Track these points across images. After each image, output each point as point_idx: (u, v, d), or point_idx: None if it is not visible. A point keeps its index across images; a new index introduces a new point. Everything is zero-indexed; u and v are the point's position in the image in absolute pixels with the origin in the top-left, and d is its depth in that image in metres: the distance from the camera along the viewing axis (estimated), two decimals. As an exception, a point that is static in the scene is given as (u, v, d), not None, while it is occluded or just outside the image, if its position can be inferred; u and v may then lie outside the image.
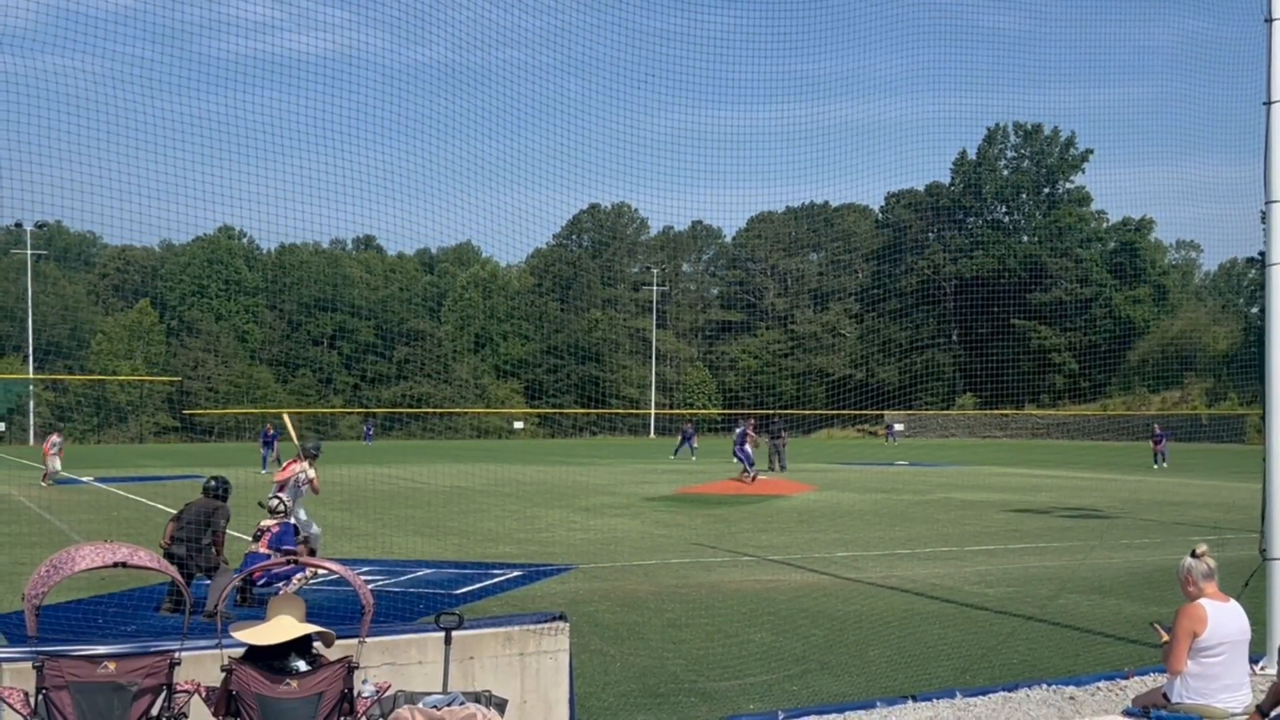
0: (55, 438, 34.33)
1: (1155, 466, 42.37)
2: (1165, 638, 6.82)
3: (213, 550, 12.07)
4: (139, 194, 10.03)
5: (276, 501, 14.08)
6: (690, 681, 8.87)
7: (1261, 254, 9.98)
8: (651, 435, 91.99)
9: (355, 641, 5.83)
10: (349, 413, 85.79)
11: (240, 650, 5.40)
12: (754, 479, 30.23)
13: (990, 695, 8.46)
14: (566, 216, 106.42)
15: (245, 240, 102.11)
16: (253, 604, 12.18)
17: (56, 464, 32.65)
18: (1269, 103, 9.82)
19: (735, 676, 9.00)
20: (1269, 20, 9.82)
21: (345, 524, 20.39)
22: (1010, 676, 8.99)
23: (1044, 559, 16.40)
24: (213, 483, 12.76)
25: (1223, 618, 6.69)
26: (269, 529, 13.65)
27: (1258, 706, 6.23)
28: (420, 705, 5.75)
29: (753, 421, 32.14)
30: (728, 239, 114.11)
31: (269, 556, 13.24)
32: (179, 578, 5.95)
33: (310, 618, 5.56)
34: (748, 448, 30.94)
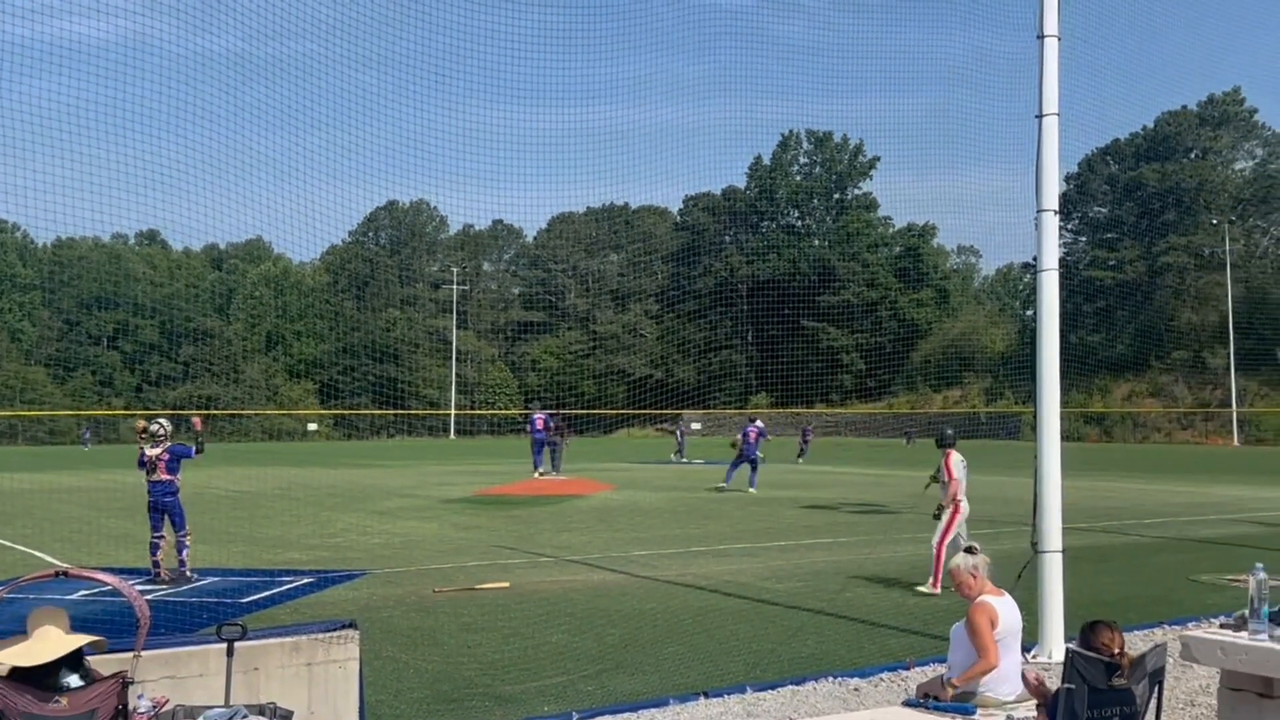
0: None
1: (800, 461, 45.87)
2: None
3: None
4: (-103, 184, 9.38)
5: (158, 426, 14.13)
6: (485, 686, 8.79)
7: (1035, 259, 10.52)
8: (451, 436, 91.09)
9: (130, 655, 5.56)
10: (131, 414, 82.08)
11: (4, 667, 5.09)
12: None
13: (779, 689, 8.65)
14: (363, 213, 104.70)
15: (19, 234, 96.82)
16: None
17: None
18: (1040, 116, 10.34)
19: (530, 679, 8.97)
20: (1041, 37, 10.35)
21: (124, 531, 19.49)
22: (799, 670, 9.21)
23: (832, 553, 16.90)
24: None
25: (1003, 611, 6.99)
26: (160, 457, 13.83)
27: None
28: (200, 719, 5.53)
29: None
30: (529, 239, 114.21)
31: (173, 484, 14.00)
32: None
33: (84, 632, 5.28)
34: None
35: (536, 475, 31.30)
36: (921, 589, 13.13)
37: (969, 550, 7.08)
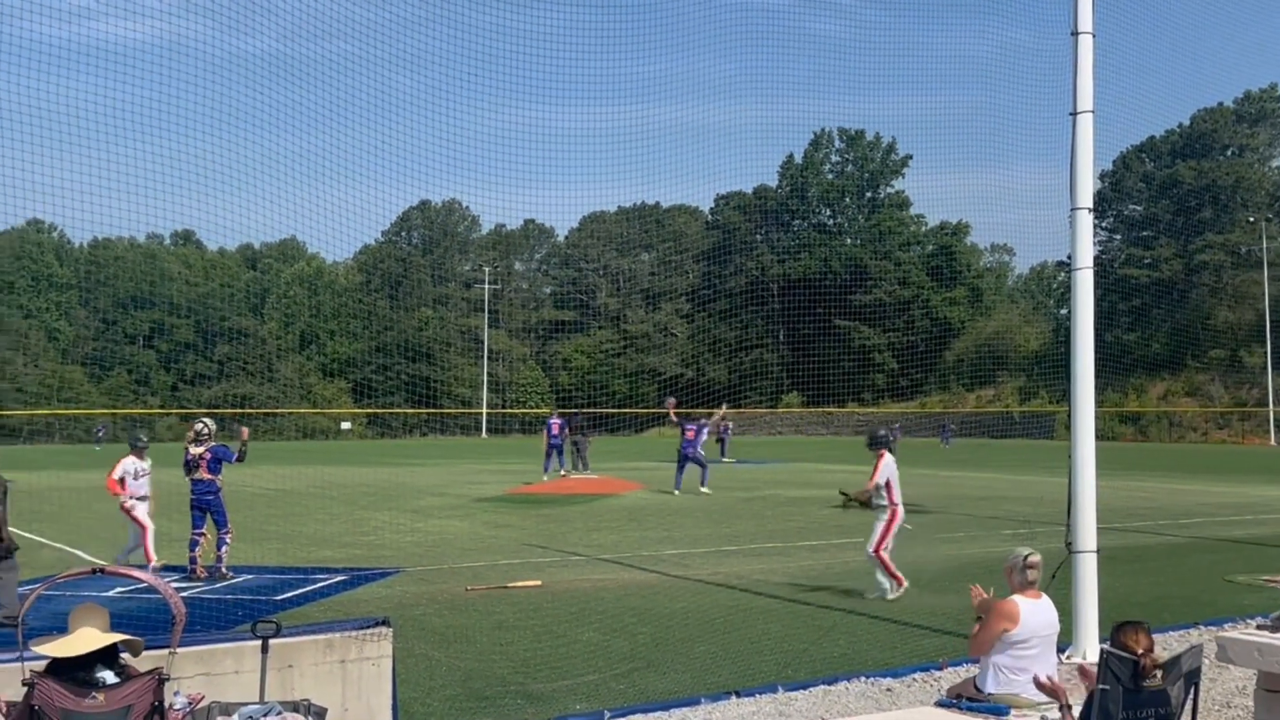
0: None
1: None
2: (978, 599, 7.05)
3: None
4: (-61, 184, 9.52)
5: (203, 425, 14.68)
6: (517, 683, 8.82)
7: (1069, 258, 10.45)
8: (483, 435, 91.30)
9: (166, 652, 5.61)
10: (167, 413, 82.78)
11: (43, 663, 5.15)
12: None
13: (811, 689, 8.64)
14: (396, 213, 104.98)
15: (56, 234, 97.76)
16: None
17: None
18: (1075, 113, 10.27)
19: (562, 677, 8.99)
20: (1075, 34, 10.27)
21: (160, 529, 19.64)
22: (830, 670, 9.19)
23: (864, 553, 16.80)
24: None
25: (1034, 614, 6.95)
26: (202, 456, 14.34)
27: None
28: (235, 716, 5.58)
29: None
30: (560, 238, 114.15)
31: (214, 484, 14.50)
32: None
33: (120, 628, 5.34)
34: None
35: (562, 474, 31.56)
36: (891, 597, 12.96)
37: (1027, 556, 7.06)
